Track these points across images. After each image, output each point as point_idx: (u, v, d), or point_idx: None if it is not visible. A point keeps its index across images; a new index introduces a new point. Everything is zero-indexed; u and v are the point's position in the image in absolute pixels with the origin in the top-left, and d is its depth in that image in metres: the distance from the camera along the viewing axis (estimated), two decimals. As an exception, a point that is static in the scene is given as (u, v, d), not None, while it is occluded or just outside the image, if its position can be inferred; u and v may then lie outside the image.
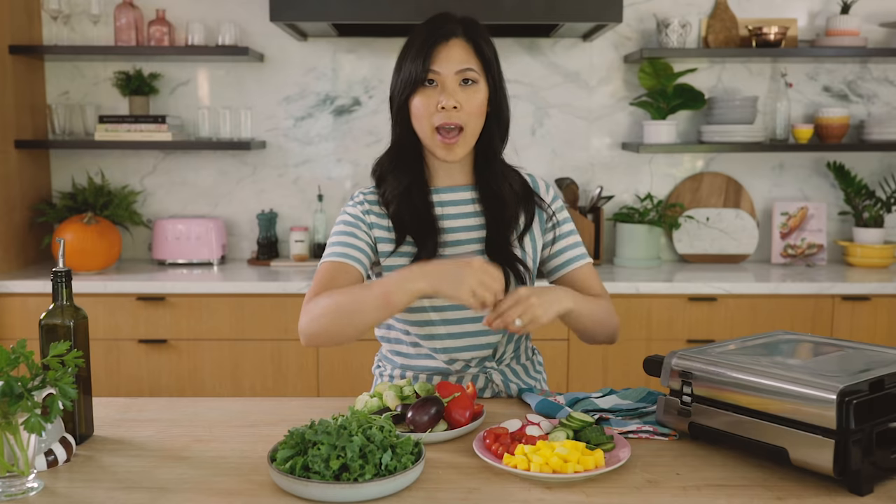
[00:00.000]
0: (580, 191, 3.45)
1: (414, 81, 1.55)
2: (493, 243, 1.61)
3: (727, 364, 1.30)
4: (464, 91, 1.55)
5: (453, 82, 1.54)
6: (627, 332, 2.98)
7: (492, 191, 1.64)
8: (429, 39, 1.55)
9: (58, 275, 1.36)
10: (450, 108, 1.53)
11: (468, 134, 1.57)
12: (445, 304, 1.61)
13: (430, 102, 1.54)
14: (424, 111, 1.55)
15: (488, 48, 1.58)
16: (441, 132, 1.55)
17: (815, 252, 3.40)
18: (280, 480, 1.16)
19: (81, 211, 3.24)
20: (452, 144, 1.56)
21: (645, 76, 3.28)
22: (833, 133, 3.31)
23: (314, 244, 3.41)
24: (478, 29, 1.58)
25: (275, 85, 3.43)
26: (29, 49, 3.14)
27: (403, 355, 1.70)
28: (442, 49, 1.54)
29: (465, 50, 1.56)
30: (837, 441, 1.13)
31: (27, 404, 1.13)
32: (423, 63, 1.53)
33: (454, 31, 1.56)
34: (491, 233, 1.62)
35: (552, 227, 1.69)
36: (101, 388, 2.91)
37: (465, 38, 1.56)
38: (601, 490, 1.18)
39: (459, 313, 1.62)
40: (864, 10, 3.37)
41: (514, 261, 1.61)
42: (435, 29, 1.56)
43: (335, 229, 1.64)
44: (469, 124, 1.56)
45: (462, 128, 1.55)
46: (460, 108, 1.54)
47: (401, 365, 1.71)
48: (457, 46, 1.55)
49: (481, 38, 1.58)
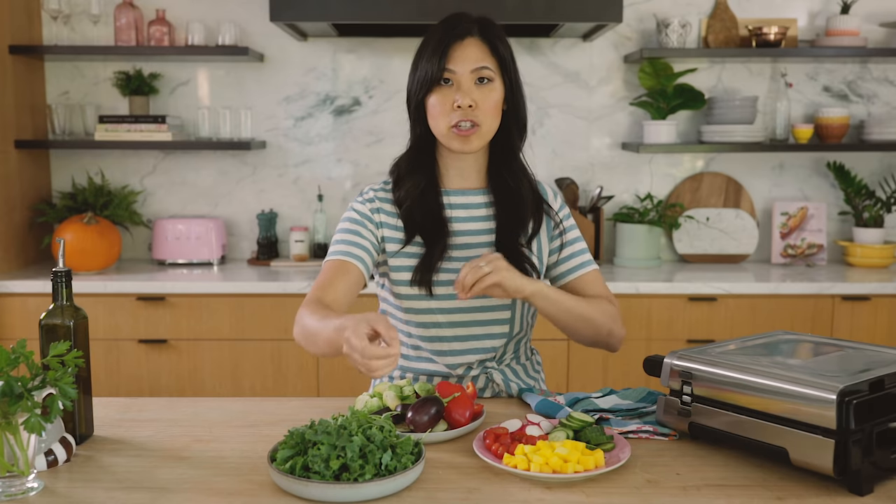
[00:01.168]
0: (580, 191, 3.45)
1: (430, 81, 1.55)
2: (504, 242, 1.61)
3: (727, 364, 1.30)
4: (479, 90, 1.55)
5: (469, 81, 1.55)
6: (627, 332, 2.96)
7: (508, 188, 1.64)
8: (444, 38, 1.55)
9: (58, 275, 1.36)
10: (465, 107, 1.53)
11: (484, 130, 1.57)
12: (453, 306, 1.62)
13: (446, 101, 1.55)
14: (440, 109, 1.55)
15: (504, 47, 1.58)
16: (456, 128, 1.55)
17: (815, 252, 3.40)
18: (280, 480, 1.16)
19: (81, 211, 3.24)
20: (468, 135, 1.56)
21: (645, 76, 3.28)
22: (833, 133, 3.31)
23: (314, 244, 3.41)
24: (493, 28, 1.59)
25: (275, 85, 3.43)
26: (29, 49, 3.14)
27: (403, 357, 1.70)
28: (457, 48, 1.55)
29: (481, 49, 1.56)
30: (837, 441, 1.13)
31: (27, 404, 1.13)
32: (439, 62, 1.54)
33: (469, 30, 1.57)
34: (502, 233, 1.62)
35: (559, 234, 1.69)
36: (101, 388, 2.91)
37: (481, 38, 1.57)
38: (601, 490, 1.18)
39: (468, 316, 1.62)
40: (864, 10, 3.37)
41: (522, 259, 1.61)
42: (450, 28, 1.57)
43: (340, 225, 1.65)
44: (485, 122, 1.56)
45: (478, 125, 1.56)
46: (476, 106, 1.54)
47: (399, 366, 1.71)
48: (472, 45, 1.56)
49: (497, 37, 1.58)
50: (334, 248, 1.61)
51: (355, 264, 1.58)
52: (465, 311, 1.62)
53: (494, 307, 1.64)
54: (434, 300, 1.61)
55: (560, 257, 1.69)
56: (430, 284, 1.60)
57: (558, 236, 1.69)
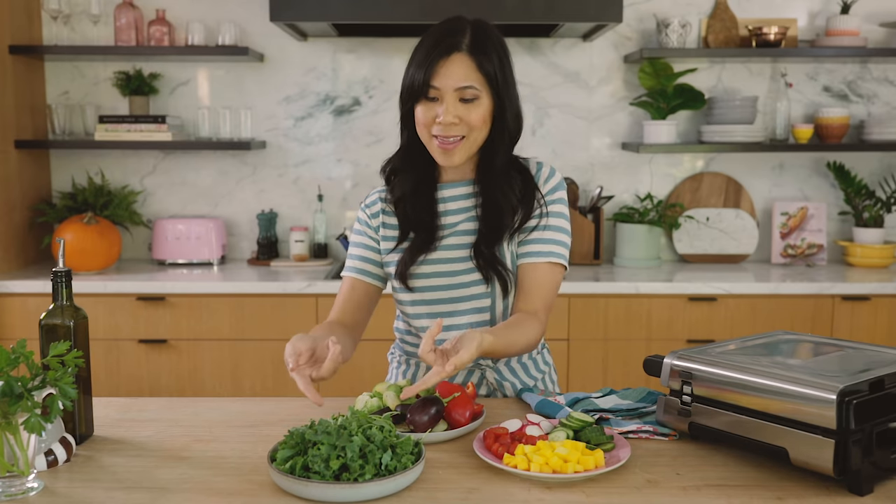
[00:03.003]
0: (580, 191, 3.45)
1: (416, 94, 1.56)
2: (480, 247, 1.62)
3: (727, 364, 1.30)
4: (464, 106, 1.55)
5: (452, 98, 1.54)
6: (627, 332, 2.98)
7: (488, 196, 1.63)
8: (430, 53, 1.54)
9: (58, 275, 1.36)
10: (447, 124, 1.54)
11: (469, 142, 1.57)
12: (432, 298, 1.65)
13: (430, 115, 1.56)
14: (424, 122, 1.57)
15: (491, 63, 1.55)
16: (439, 139, 1.56)
17: (815, 252, 3.40)
18: (280, 480, 1.16)
19: (81, 211, 3.24)
20: (450, 150, 1.56)
21: (645, 76, 3.28)
22: (833, 133, 3.31)
23: (314, 244, 3.41)
24: (485, 41, 1.55)
25: (275, 85, 3.43)
26: (29, 49, 3.14)
27: (412, 345, 1.75)
28: (443, 64, 1.53)
29: (467, 66, 1.53)
30: (837, 441, 1.13)
31: (27, 404, 1.13)
32: (424, 76, 1.54)
33: (457, 44, 1.54)
34: (480, 237, 1.63)
35: (539, 216, 1.64)
36: (101, 388, 2.91)
37: (468, 53, 1.54)
38: (601, 490, 1.18)
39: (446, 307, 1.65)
40: (864, 10, 3.37)
41: (497, 266, 1.62)
42: (441, 38, 1.55)
43: (351, 239, 1.75)
44: (470, 135, 1.56)
45: (463, 136, 1.56)
46: (459, 121, 1.55)
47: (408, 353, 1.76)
48: (457, 62, 1.53)
49: (484, 53, 1.55)
50: (347, 264, 1.72)
51: (362, 280, 1.69)
52: (445, 301, 1.65)
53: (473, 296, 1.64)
54: (416, 292, 1.65)
55: (528, 237, 1.64)
56: (405, 277, 1.64)
57: (538, 217, 1.64)
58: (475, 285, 1.63)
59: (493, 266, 1.62)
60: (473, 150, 1.59)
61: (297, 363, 1.39)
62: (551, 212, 1.64)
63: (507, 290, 1.63)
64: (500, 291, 1.64)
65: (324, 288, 2.95)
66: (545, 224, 1.63)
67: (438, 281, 1.64)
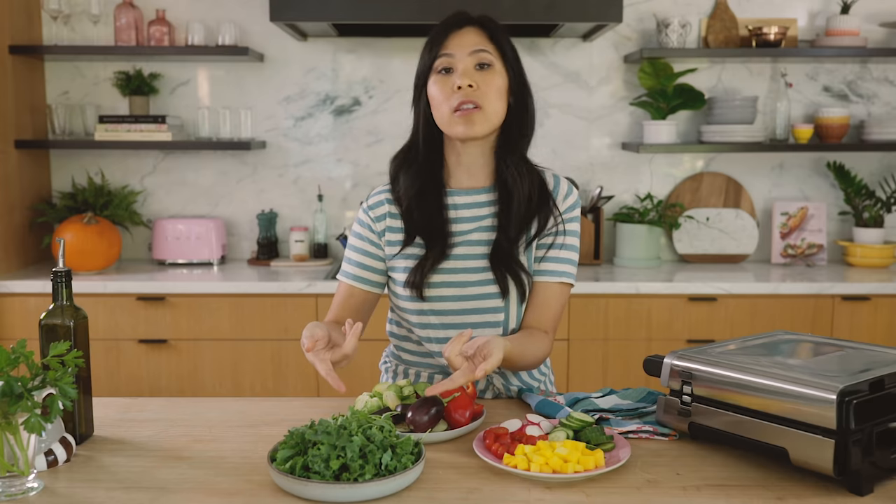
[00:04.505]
0: (580, 191, 3.45)
1: (429, 67, 1.56)
2: (499, 249, 1.59)
3: (727, 364, 1.30)
4: (480, 73, 1.54)
5: (468, 64, 1.54)
6: (627, 332, 2.98)
7: (507, 191, 1.61)
8: (442, 29, 1.57)
9: (58, 275, 1.36)
10: (465, 87, 1.52)
11: (488, 112, 1.54)
12: (445, 308, 1.60)
13: (446, 87, 1.54)
14: (441, 95, 1.54)
15: (504, 39, 1.58)
16: (459, 111, 1.53)
17: (815, 252, 3.40)
18: (280, 480, 1.16)
19: (81, 211, 3.24)
20: (471, 116, 1.52)
21: (645, 76, 3.28)
22: (833, 133, 3.31)
23: (314, 244, 3.41)
24: (494, 22, 1.59)
25: (275, 85, 3.43)
26: (29, 49, 3.14)
27: (409, 352, 1.71)
28: (455, 35, 1.56)
29: (479, 35, 1.56)
30: (837, 441, 1.13)
31: (27, 404, 1.13)
32: (436, 48, 1.55)
33: (469, 20, 1.58)
34: (499, 237, 1.60)
35: (556, 233, 1.64)
36: (101, 388, 2.91)
37: (479, 26, 1.57)
38: (601, 490, 1.18)
39: (459, 318, 1.60)
40: (864, 10, 3.37)
41: (516, 268, 1.59)
42: (450, 20, 1.58)
43: (349, 240, 1.69)
44: (487, 104, 1.54)
45: (480, 106, 1.53)
46: (476, 87, 1.53)
47: (405, 361, 1.72)
48: (470, 32, 1.56)
49: (497, 28, 1.58)
50: (342, 267, 1.68)
51: (358, 287, 1.65)
52: (457, 313, 1.60)
53: (486, 310, 1.61)
54: (426, 302, 1.60)
55: (545, 255, 1.63)
56: (421, 288, 1.59)
57: (554, 235, 1.64)
58: (489, 298, 1.60)
59: (512, 269, 1.58)
60: (493, 123, 1.56)
61: (315, 345, 1.37)
62: (568, 230, 1.65)
63: (524, 296, 1.61)
64: (517, 298, 1.60)
65: (324, 288, 2.95)
66: (561, 243, 1.64)
67: (449, 291, 1.59)
